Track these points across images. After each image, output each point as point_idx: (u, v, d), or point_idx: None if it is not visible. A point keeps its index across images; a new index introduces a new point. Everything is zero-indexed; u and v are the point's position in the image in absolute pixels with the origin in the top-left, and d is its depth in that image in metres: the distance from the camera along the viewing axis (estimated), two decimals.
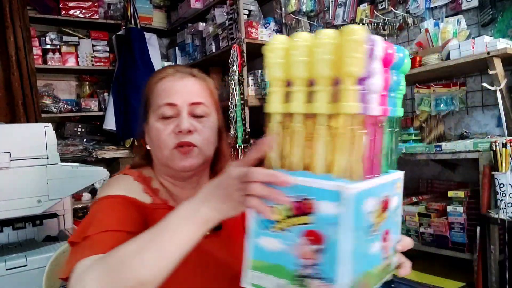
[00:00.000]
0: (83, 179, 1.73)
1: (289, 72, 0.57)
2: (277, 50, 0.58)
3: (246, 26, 2.69)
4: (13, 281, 1.44)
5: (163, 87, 0.91)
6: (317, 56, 0.54)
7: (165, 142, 0.88)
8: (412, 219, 1.75)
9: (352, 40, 0.52)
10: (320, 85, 0.55)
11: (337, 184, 0.52)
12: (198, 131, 0.89)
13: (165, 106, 0.88)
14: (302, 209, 0.54)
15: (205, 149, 0.90)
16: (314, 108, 0.55)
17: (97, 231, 0.76)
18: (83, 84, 3.54)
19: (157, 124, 0.89)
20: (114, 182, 0.91)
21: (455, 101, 1.89)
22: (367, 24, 2.24)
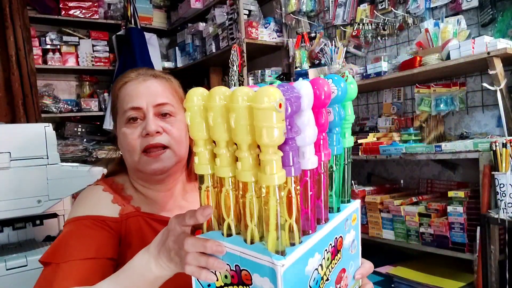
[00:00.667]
0: (83, 179, 1.72)
1: (211, 133, 0.53)
2: (197, 108, 0.53)
3: (246, 26, 2.69)
4: (13, 281, 1.44)
5: (126, 91, 0.90)
6: (234, 121, 0.49)
7: (133, 147, 0.87)
8: (412, 219, 1.75)
9: (262, 109, 0.46)
10: (243, 151, 0.50)
11: (269, 259, 0.49)
12: (166, 131, 0.88)
13: (130, 110, 0.88)
14: (240, 279, 0.52)
15: (176, 149, 0.89)
16: (240, 176, 0.51)
17: (63, 260, 0.78)
18: (83, 84, 3.54)
19: (124, 129, 0.88)
20: (83, 198, 0.91)
21: (455, 101, 1.89)
22: (367, 24, 2.24)
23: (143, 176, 0.92)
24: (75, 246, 0.80)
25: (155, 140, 0.86)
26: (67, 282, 0.73)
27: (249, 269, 0.51)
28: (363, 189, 1.97)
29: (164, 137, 0.87)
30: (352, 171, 2.38)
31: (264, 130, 0.47)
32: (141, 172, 0.90)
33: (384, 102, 2.27)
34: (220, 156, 0.53)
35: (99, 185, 0.94)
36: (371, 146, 1.93)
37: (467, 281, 1.65)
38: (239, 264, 0.52)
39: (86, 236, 0.81)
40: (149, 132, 0.85)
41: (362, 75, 2.04)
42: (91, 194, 0.91)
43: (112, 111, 0.95)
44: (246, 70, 2.68)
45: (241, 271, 0.52)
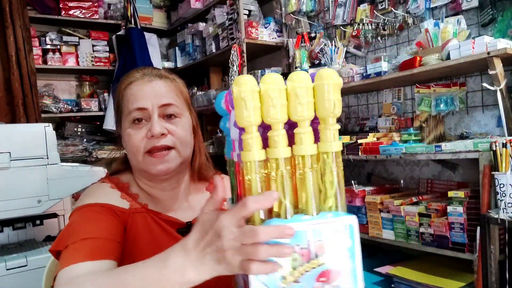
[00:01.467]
0: (83, 179, 1.73)
1: (267, 116, 0.55)
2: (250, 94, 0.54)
3: (246, 26, 2.68)
4: (13, 281, 1.44)
5: (131, 92, 0.90)
6: (301, 100, 0.54)
7: (138, 148, 0.87)
8: (412, 219, 1.75)
9: (334, 84, 0.54)
10: (305, 127, 0.55)
11: (346, 218, 0.55)
12: (171, 133, 0.88)
13: (135, 111, 0.88)
14: (309, 254, 0.54)
15: (181, 150, 0.90)
16: (301, 151, 0.54)
17: (75, 240, 0.77)
18: (83, 84, 3.54)
19: (129, 129, 0.89)
20: (91, 191, 0.91)
21: (455, 101, 1.89)
22: (367, 24, 2.24)
23: (148, 176, 0.92)
24: (83, 227, 0.80)
25: (160, 142, 0.87)
26: (74, 258, 0.73)
27: (324, 237, 0.54)
28: (363, 189, 1.97)
29: (168, 138, 0.88)
30: (352, 171, 2.38)
31: (335, 102, 0.54)
32: (146, 173, 0.90)
33: (384, 102, 2.27)
34: (279, 137, 0.55)
35: (105, 182, 0.94)
36: (371, 146, 1.93)
37: (467, 281, 1.65)
38: (311, 238, 0.53)
39: (95, 219, 0.82)
40: (154, 134, 0.86)
41: (362, 75, 2.04)
42: (99, 188, 0.92)
43: (117, 110, 0.95)
44: (246, 70, 2.68)
45: (314, 244, 0.54)
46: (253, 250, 0.51)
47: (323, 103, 0.54)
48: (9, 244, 1.68)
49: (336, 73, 0.55)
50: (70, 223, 0.83)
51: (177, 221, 0.93)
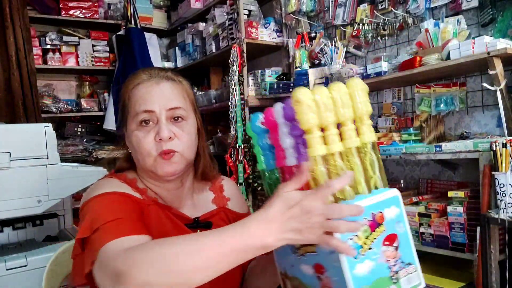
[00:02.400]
0: (83, 179, 1.73)
1: (322, 119, 0.68)
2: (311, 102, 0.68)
3: (246, 26, 2.68)
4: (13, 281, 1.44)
5: (139, 93, 0.91)
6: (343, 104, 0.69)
7: (146, 151, 0.89)
8: (412, 219, 1.75)
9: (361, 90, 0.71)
10: (347, 125, 0.70)
11: (392, 191, 0.70)
12: (178, 137, 0.90)
13: (143, 113, 0.89)
14: (375, 224, 0.67)
15: (186, 153, 0.92)
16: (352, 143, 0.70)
17: (105, 221, 0.77)
18: (83, 84, 3.54)
19: (137, 131, 0.90)
20: (101, 184, 0.91)
21: (455, 101, 1.89)
22: (367, 24, 2.24)
23: (153, 176, 0.94)
24: (111, 211, 0.80)
25: (168, 145, 0.88)
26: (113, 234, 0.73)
27: (382, 209, 0.68)
28: None
29: (175, 142, 0.89)
30: None
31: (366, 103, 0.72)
32: (153, 173, 0.92)
33: (384, 102, 2.27)
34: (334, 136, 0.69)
35: (112, 178, 0.95)
36: None
37: (467, 281, 1.65)
38: (374, 210, 0.67)
39: (120, 203, 0.83)
40: (163, 138, 0.87)
41: (362, 75, 2.04)
42: (109, 182, 0.92)
43: (122, 111, 0.95)
44: (246, 70, 2.68)
45: (376, 215, 0.67)
46: (337, 224, 0.62)
47: (357, 105, 0.71)
48: (9, 244, 1.68)
49: (362, 81, 0.72)
50: (92, 210, 0.82)
51: (185, 216, 0.96)
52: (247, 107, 2.66)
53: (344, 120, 0.70)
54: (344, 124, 0.70)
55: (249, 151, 2.62)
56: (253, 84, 2.78)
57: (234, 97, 2.62)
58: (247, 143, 2.62)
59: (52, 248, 1.61)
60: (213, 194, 1.06)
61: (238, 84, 2.63)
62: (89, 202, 0.85)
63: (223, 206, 1.05)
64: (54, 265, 1.20)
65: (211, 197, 1.06)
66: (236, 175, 2.59)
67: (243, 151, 2.59)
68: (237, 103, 2.62)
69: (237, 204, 1.08)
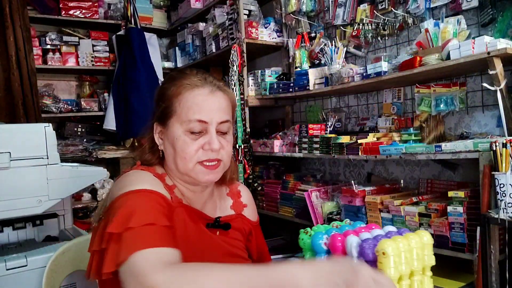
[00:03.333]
0: (83, 179, 1.72)
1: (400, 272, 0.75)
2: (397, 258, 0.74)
3: (246, 26, 2.68)
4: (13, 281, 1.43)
5: (195, 100, 0.92)
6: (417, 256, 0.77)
7: (192, 157, 0.92)
8: (412, 219, 1.75)
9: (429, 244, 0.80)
10: (416, 276, 0.77)
11: None
12: (223, 148, 0.94)
13: (196, 122, 0.91)
14: None
15: (227, 162, 0.97)
16: None
17: (140, 223, 0.75)
18: (83, 84, 3.54)
19: (185, 137, 0.92)
20: (138, 177, 0.90)
21: (455, 101, 1.89)
22: (367, 24, 2.24)
23: (186, 179, 0.96)
24: (147, 212, 0.79)
25: (215, 155, 0.93)
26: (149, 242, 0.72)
27: None
28: (363, 189, 1.97)
29: (221, 152, 0.94)
30: (352, 171, 2.38)
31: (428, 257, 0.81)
32: (189, 177, 0.95)
33: (384, 102, 2.27)
34: None
35: (145, 170, 0.95)
36: (371, 146, 1.92)
37: (467, 281, 1.65)
38: None
39: (157, 205, 0.82)
40: (214, 150, 0.92)
41: (362, 75, 2.04)
42: (145, 175, 0.92)
43: (166, 108, 0.95)
44: (246, 70, 2.68)
45: None
46: None
47: (424, 258, 0.79)
48: (9, 244, 1.68)
49: (429, 234, 0.81)
50: (127, 205, 0.80)
51: (207, 216, 0.99)
52: (247, 107, 2.66)
53: (414, 270, 0.77)
54: (414, 275, 0.77)
55: (249, 151, 2.62)
56: (253, 84, 2.78)
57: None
58: (247, 143, 2.62)
59: (52, 248, 1.61)
60: (231, 200, 1.10)
61: (238, 84, 2.63)
62: (124, 196, 0.82)
63: (240, 212, 1.09)
64: (54, 265, 1.20)
65: (229, 202, 1.10)
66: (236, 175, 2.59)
67: (243, 151, 2.59)
68: (237, 103, 2.62)
69: (252, 212, 1.13)
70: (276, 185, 2.58)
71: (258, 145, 2.63)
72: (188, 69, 1.01)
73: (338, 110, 2.58)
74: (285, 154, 2.47)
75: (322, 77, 2.31)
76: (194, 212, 0.97)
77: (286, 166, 2.87)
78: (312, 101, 2.78)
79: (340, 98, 2.59)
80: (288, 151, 2.47)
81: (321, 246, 0.84)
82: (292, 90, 2.47)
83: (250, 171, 2.59)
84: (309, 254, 0.89)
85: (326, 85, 2.26)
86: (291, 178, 2.54)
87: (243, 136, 2.61)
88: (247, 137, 2.63)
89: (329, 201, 2.17)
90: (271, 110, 3.14)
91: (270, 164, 2.85)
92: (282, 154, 2.49)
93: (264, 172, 2.79)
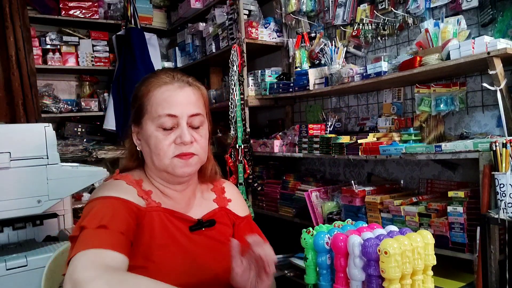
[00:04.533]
0: (83, 179, 1.73)
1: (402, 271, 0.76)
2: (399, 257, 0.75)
3: (246, 26, 2.68)
4: (13, 281, 1.44)
5: (163, 96, 0.94)
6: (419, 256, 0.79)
7: (166, 152, 0.92)
8: (412, 219, 1.75)
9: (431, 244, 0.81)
10: (418, 275, 0.79)
11: None
12: (197, 141, 0.95)
13: (166, 116, 0.92)
14: None
15: (202, 156, 0.98)
16: None
17: (93, 225, 0.80)
18: (83, 84, 3.54)
19: (157, 133, 0.93)
20: (109, 186, 0.94)
21: (455, 101, 1.89)
22: (367, 24, 2.24)
23: (165, 177, 0.97)
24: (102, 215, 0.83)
25: (188, 149, 0.93)
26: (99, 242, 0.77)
27: None
28: (363, 189, 1.97)
29: (194, 146, 0.95)
30: (352, 171, 2.37)
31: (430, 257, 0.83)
32: (167, 174, 0.96)
33: (384, 102, 2.27)
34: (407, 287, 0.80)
35: (118, 179, 0.97)
36: (371, 146, 1.92)
37: (467, 281, 1.65)
38: None
39: (114, 210, 0.85)
40: (185, 142, 0.92)
41: (362, 75, 2.04)
42: (117, 184, 0.95)
43: (138, 110, 0.98)
44: (246, 70, 2.68)
45: None
46: None
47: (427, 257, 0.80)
48: (9, 244, 1.68)
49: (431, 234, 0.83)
50: (88, 210, 0.86)
51: (189, 218, 0.99)
52: (247, 107, 2.66)
53: (416, 270, 0.78)
54: (416, 274, 0.79)
55: (249, 151, 2.62)
56: (253, 84, 2.78)
57: (234, 97, 2.62)
58: (247, 143, 2.62)
59: (52, 248, 1.61)
60: (215, 195, 1.10)
61: (238, 84, 2.63)
62: (89, 203, 0.88)
63: (224, 206, 1.09)
64: (54, 265, 1.20)
65: (213, 197, 1.09)
66: (236, 175, 2.59)
67: (243, 151, 2.59)
68: (237, 103, 2.62)
69: (237, 206, 1.11)
70: (276, 185, 2.58)
71: (258, 145, 2.63)
72: (160, 69, 1.03)
73: (338, 110, 2.58)
74: (285, 154, 2.47)
75: (322, 77, 2.32)
76: (175, 214, 0.97)
77: (286, 166, 2.87)
78: (312, 101, 2.78)
79: (340, 98, 2.59)
80: (288, 151, 2.47)
81: (323, 245, 0.84)
82: (292, 90, 2.47)
83: (250, 171, 2.59)
84: (311, 254, 0.89)
85: (326, 85, 2.27)
86: (291, 178, 2.54)
87: (243, 136, 2.61)
88: (247, 137, 2.63)
89: (329, 201, 2.17)
90: (271, 110, 3.14)
91: (270, 164, 2.85)
92: (282, 154, 2.49)
93: (264, 172, 2.79)
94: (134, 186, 0.95)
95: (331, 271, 0.86)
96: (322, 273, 0.87)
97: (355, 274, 0.79)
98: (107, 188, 0.92)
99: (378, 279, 0.77)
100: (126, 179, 0.97)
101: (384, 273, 0.74)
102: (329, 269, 0.86)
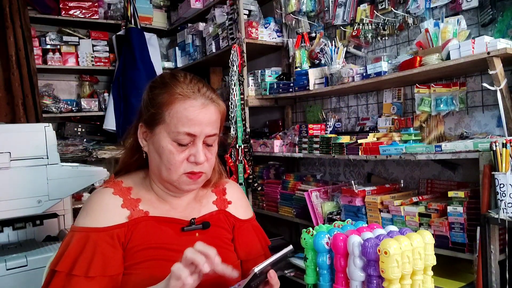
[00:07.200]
0: (83, 179, 1.73)
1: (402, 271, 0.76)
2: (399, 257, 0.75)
3: (246, 26, 2.68)
4: (13, 281, 1.44)
5: (186, 113, 0.91)
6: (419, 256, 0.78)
7: (177, 168, 0.92)
8: (412, 219, 1.75)
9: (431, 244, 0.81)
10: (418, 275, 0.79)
11: None
12: (208, 160, 0.95)
13: (185, 134, 0.90)
14: None
15: (209, 173, 0.98)
16: None
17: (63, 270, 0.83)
18: (83, 84, 3.54)
19: (171, 147, 0.91)
20: (92, 204, 0.94)
21: (455, 101, 1.89)
22: (367, 24, 2.24)
23: (168, 186, 0.97)
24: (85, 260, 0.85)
25: (199, 168, 0.93)
26: None
27: None
28: (363, 189, 1.98)
29: (205, 165, 0.94)
30: (352, 171, 2.38)
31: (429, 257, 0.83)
32: (172, 185, 0.95)
33: (384, 102, 2.27)
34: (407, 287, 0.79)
35: (108, 187, 0.97)
36: (371, 146, 1.92)
37: (467, 281, 1.65)
38: None
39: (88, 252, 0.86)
40: (199, 163, 0.92)
41: (362, 75, 2.04)
42: (101, 199, 0.94)
43: (155, 115, 0.93)
44: (246, 70, 2.68)
45: None
46: None
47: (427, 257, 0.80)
48: (9, 244, 1.68)
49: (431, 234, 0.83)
50: (65, 244, 0.88)
51: (180, 221, 0.98)
52: (247, 107, 2.66)
53: (416, 270, 0.78)
54: (416, 274, 0.78)
55: (249, 151, 2.62)
56: (253, 84, 2.78)
57: (234, 97, 2.62)
58: (247, 143, 2.62)
59: (52, 248, 1.61)
60: (215, 196, 1.09)
61: (238, 84, 2.63)
62: (73, 233, 0.90)
63: (223, 208, 1.07)
64: None
65: (213, 198, 1.08)
66: (236, 175, 2.59)
67: (243, 151, 2.59)
68: (237, 103, 2.62)
69: (238, 208, 1.09)
70: (276, 185, 2.58)
71: (258, 145, 2.63)
72: (181, 73, 0.97)
73: (338, 110, 2.58)
74: (285, 154, 2.47)
75: (322, 77, 2.32)
76: (164, 219, 0.96)
77: (286, 166, 2.87)
78: (312, 101, 2.78)
79: (340, 98, 2.59)
80: (288, 151, 2.47)
81: (323, 245, 0.84)
82: (292, 90, 2.47)
83: (250, 171, 2.59)
84: (311, 254, 0.89)
85: (326, 85, 2.27)
86: (291, 178, 2.54)
87: (243, 136, 2.61)
88: (247, 137, 2.63)
89: (329, 201, 2.17)
90: (271, 110, 3.14)
91: (270, 164, 2.85)
92: (282, 154, 2.49)
93: (264, 172, 2.79)
94: (120, 196, 0.94)
95: (331, 271, 0.86)
96: (322, 273, 0.87)
97: (355, 274, 0.79)
98: (90, 208, 0.93)
99: (378, 279, 0.77)
100: (115, 186, 0.96)
101: (384, 273, 0.74)
102: (329, 269, 0.86)
